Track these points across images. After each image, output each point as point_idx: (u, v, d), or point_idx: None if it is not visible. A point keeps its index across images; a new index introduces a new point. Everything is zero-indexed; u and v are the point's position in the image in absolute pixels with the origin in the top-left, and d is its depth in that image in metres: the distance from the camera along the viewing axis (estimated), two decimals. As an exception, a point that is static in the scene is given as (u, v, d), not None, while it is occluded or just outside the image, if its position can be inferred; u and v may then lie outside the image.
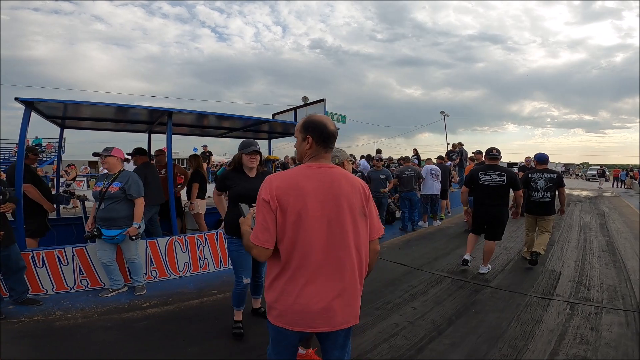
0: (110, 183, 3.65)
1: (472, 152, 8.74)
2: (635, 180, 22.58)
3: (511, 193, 4.75)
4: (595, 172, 29.35)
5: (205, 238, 4.55)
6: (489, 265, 4.87)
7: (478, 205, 4.73)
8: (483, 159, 7.95)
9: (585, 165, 54.05)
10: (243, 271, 2.94)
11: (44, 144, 18.67)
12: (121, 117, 4.89)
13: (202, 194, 5.58)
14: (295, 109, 6.67)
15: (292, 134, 6.36)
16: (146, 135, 6.17)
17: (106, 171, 3.87)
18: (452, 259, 5.51)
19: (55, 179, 5.90)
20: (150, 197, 4.57)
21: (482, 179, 4.65)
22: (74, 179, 12.95)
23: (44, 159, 17.70)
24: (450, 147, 11.77)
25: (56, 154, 22.77)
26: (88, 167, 21.98)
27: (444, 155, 9.21)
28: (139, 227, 3.76)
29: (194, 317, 3.44)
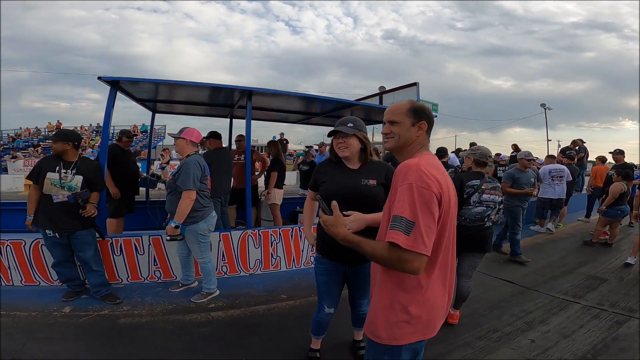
0: (175, 170, 3.34)
1: (609, 152, 7.20)
2: None
3: None
4: None
5: (280, 234, 4.19)
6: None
7: None
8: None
9: None
10: (327, 299, 2.27)
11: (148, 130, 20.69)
12: (201, 98, 4.77)
13: (280, 184, 5.26)
14: (380, 94, 6.04)
15: (376, 121, 5.82)
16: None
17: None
18: (576, 279, 4.39)
19: (146, 163, 6.06)
20: (213, 187, 4.33)
21: None
22: (168, 162, 13.88)
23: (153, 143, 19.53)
24: (567, 145, 9.94)
25: (158, 139, 25.22)
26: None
27: (555, 154, 7.73)
28: (179, 227, 3.13)
29: (259, 326, 3.07)
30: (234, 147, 5.81)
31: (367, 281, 2.03)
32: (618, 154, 6.85)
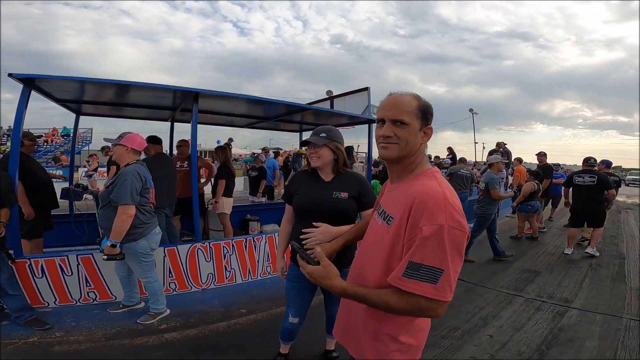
0: (110, 181, 2.90)
1: (535, 154, 8.01)
2: None
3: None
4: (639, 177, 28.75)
5: (233, 246, 3.91)
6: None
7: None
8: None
9: (619, 169, 51.48)
10: (293, 308, 2.19)
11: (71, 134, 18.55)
12: (142, 100, 4.32)
13: (228, 192, 4.94)
14: (331, 98, 6.00)
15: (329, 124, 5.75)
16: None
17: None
18: (514, 273, 4.73)
19: (69, 170, 5.33)
20: (157, 198, 3.94)
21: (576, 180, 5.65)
22: (95, 170, 12.54)
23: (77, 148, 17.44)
24: (491, 147, 10.92)
25: (83, 144, 22.67)
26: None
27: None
28: (117, 245, 2.71)
29: (220, 346, 2.79)
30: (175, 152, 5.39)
31: None
32: (542, 155, 7.67)
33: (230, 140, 10.86)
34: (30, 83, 3.06)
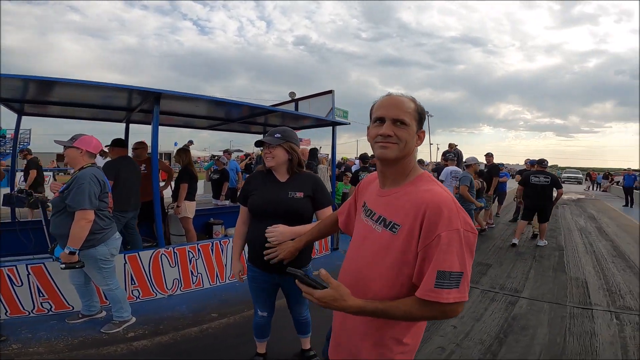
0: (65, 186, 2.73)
1: (484, 155, 8.68)
2: (610, 183, 23.74)
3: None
4: (578, 176, 33.35)
5: (199, 249, 3.80)
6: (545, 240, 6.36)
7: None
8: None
9: (555, 168, 56.48)
10: (259, 305, 2.28)
11: (7, 135, 16.67)
12: (95, 100, 4.06)
13: (191, 196, 4.79)
14: (296, 100, 6.04)
15: (300, 127, 5.81)
16: (123, 125, 5.31)
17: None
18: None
19: (10, 175, 4.91)
20: (122, 200, 3.76)
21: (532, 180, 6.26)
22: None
23: (7, 151, 15.74)
24: (446, 148, 11.47)
25: (21, 146, 20.67)
26: (55, 161, 19.78)
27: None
28: (75, 253, 2.58)
29: (195, 351, 2.73)
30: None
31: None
32: (489, 156, 8.29)
33: (190, 142, 10.48)
34: None
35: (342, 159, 14.11)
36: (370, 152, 6.73)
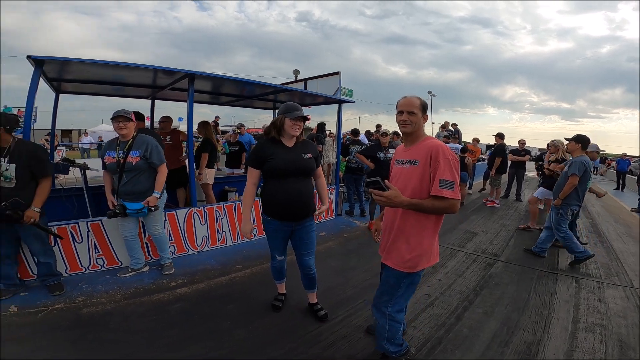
0: (127, 152, 3.24)
1: (493, 135, 9.01)
2: (607, 167, 23.75)
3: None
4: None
5: (224, 210, 4.41)
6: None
7: None
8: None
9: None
10: (276, 251, 2.78)
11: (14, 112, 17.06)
12: (130, 80, 4.53)
13: (211, 164, 5.38)
14: (305, 80, 6.54)
15: (304, 104, 6.33)
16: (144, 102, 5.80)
17: (111, 138, 3.45)
18: (458, 233, 5.76)
19: (51, 147, 5.42)
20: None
21: None
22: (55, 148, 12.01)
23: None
24: (440, 126, 11.95)
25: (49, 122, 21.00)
26: (59, 136, 20.33)
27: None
28: (160, 196, 3.41)
29: (226, 296, 3.29)
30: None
31: (311, 234, 2.70)
32: (499, 137, 8.84)
33: (217, 118, 11.31)
34: (41, 64, 3.20)
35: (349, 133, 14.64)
36: (360, 129, 7.46)
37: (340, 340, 2.64)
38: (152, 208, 3.36)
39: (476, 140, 10.41)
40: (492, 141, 9.15)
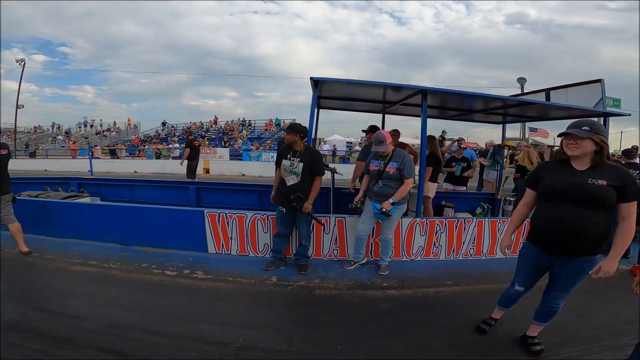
0: (387, 163, 3.74)
1: None
2: None
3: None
4: None
5: (446, 224, 4.40)
6: None
7: None
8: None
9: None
10: (519, 278, 2.53)
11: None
12: (366, 95, 5.13)
13: (434, 178, 5.49)
14: (547, 90, 5.55)
15: (545, 119, 5.67)
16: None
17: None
18: None
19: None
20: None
21: None
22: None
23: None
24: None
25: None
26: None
27: None
28: (393, 202, 3.66)
29: (431, 307, 3.33)
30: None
31: (573, 277, 2.23)
32: None
33: (444, 132, 11.63)
34: (317, 84, 4.09)
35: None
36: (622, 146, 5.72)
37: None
38: (384, 210, 3.66)
39: None
40: None
